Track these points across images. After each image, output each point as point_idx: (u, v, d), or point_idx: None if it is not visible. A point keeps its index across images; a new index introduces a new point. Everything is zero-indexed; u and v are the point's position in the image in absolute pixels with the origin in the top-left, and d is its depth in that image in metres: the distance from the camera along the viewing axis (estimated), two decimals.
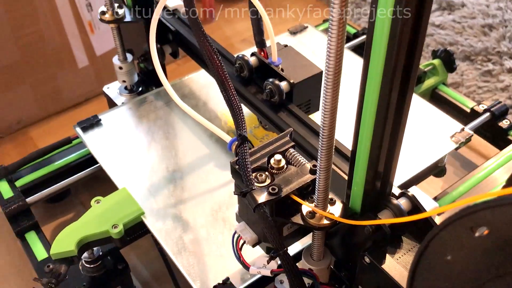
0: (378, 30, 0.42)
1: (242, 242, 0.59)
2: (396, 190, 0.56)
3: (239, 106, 0.62)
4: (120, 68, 0.91)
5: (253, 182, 0.53)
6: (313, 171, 0.54)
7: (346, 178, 0.55)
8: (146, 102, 0.90)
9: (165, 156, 0.81)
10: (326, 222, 0.53)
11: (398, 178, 0.75)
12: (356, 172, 0.52)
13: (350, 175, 0.54)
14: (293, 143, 0.57)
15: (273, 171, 0.55)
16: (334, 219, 0.52)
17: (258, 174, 0.54)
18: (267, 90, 0.73)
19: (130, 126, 0.86)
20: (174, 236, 0.70)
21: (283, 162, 0.55)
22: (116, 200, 0.73)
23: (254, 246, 0.59)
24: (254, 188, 0.52)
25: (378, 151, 0.49)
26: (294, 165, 0.56)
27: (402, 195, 0.55)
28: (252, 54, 0.76)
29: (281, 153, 0.56)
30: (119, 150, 0.82)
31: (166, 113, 0.88)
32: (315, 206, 0.53)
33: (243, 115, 0.62)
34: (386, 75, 0.44)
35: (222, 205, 0.74)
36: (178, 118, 0.87)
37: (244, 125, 0.61)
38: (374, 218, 0.53)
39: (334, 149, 0.48)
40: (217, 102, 0.90)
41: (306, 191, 0.55)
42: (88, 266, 0.74)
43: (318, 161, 0.49)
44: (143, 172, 0.79)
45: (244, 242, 0.59)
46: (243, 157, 0.54)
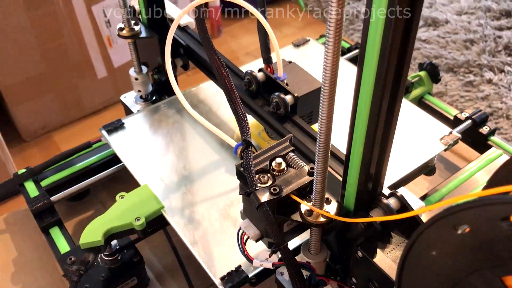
0: (370, 45, 0.42)
1: (246, 237, 0.59)
2: (386, 191, 0.56)
3: (244, 113, 0.62)
4: (136, 79, 0.92)
5: (256, 183, 0.53)
6: (311, 173, 0.54)
7: (341, 179, 0.55)
8: (160, 110, 0.90)
9: (182, 157, 0.82)
10: (322, 219, 0.53)
11: (391, 178, 0.76)
12: (350, 174, 0.53)
13: (345, 177, 0.54)
14: (292, 148, 0.57)
15: (274, 173, 0.55)
16: (330, 217, 0.52)
17: (261, 176, 0.54)
18: (274, 103, 0.73)
19: (150, 130, 0.87)
20: (191, 228, 0.71)
21: (284, 165, 0.55)
22: (138, 195, 0.73)
23: (257, 241, 0.59)
24: (257, 188, 0.53)
25: (370, 155, 0.49)
26: (294, 167, 0.56)
27: (391, 195, 0.55)
28: (259, 70, 0.76)
29: (281, 156, 0.56)
30: (140, 151, 0.83)
31: (177, 120, 0.88)
32: (313, 205, 0.53)
33: (248, 122, 0.62)
34: (377, 86, 0.44)
35: (234, 200, 0.74)
36: (188, 124, 0.87)
37: (248, 131, 0.61)
38: (366, 216, 0.53)
39: (330, 153, 0.48)
40: (224, 109, 0.90)
41: (305, 191, 0.55)
42: (106, 259, 0.74)
43: (316, 164, 0.49)
44: (163, 170, 0.79)
45: (248, 238, 0.59)
46: (247, 160, 0.55)
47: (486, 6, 1.44)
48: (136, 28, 0.86)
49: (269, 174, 0.55)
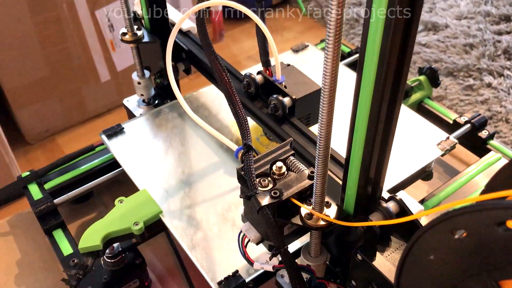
0: (370, 46, 0.42)
1: (247, 240, 0.59)
2: (385, 194, 0.56)
3: (245, 117, 0.62)
4: (138, 83, 0.92)
5: (257, 187, 0.53)
6: (311, 177, 0.54)
7: (341, 183, 0.55)
8: (162, 113, 0.91)
9: (181, 161, 0.82)
10: (322, 223, 0.53)
11: (390, 182, 0.76)
12: (349, 178, 0.53)
13: (344, 181, 0.54)
14: (293, 152, 0.57)
15: (275, 177, 0.55)
16: (330, 221, 0.52)
17: (262, 180, 0.54)
18: (272, 105, 0.73)
19: (149, 134, 0.87)
20: (189, 232, 0.71)
21: (284, 169, 0.55)
22: (137, 200, 0.73)
23: (257, 244, 0.59)
24: (258, 192, 0.53)
25: (369, 159, 0.49)
26: (294, 171, 0.56)
27: (391, 199, 0.55)
28: (258, 73, 0.76)
29: (282, 160, 0.56)
30: (140, 155, 0.83)
31: (179, 123, 0.88)
32: (313, 208, 0.53)
33: (248, 126, 0.62)
34: (376, 90, 0.44)
35: (232, 205, 0.74)
36: (190, 128, 0.87)
37: (249, 135, 0.61)
38: (366, 220, 0.53)
39: (329, 157, 0.48)
40: (224, 114, 0.90)
41: (305, 195, 0.55)
42: (109, 260, 0.75)
43: (316, 168, 0.49)
44: (161, 175, 0.79)
45: (248, 241, 0.59)
46: (248, 164, 0.55)
47: (486, 10, 1.44)
48: (138, 33, 0.86)
49: (269, 178, 0.55)
